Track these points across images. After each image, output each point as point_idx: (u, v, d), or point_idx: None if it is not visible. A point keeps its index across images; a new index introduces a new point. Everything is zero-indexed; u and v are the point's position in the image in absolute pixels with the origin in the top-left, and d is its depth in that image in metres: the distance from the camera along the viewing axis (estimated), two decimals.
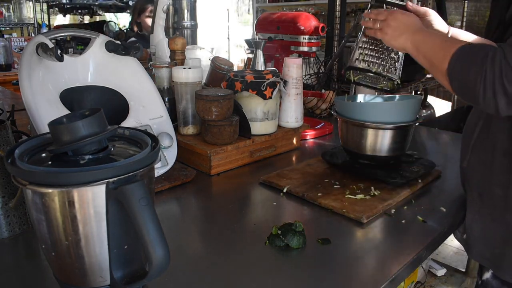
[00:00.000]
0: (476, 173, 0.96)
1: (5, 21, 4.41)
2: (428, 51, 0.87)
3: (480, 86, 0.75)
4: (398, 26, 0.95)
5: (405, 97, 1.36)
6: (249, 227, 0.95)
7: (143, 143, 0.67)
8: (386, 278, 0.76)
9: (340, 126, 1.22)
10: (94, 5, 4.72)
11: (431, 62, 0.86)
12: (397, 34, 0.95)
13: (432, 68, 0.87)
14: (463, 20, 2.77)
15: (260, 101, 1.29)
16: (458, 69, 0.79)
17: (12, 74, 3.41)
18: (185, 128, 1.30)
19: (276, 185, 1.13)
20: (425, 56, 0.88)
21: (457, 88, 0.81)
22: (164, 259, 0.58)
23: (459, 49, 0.80)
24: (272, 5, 5.85)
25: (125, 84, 1.13)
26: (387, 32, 0.96)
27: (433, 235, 0.92)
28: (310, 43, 1.68)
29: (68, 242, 0.59)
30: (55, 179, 0.56)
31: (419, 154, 1.32)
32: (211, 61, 1.49)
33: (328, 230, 0.93)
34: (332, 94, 1.83)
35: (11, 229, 0.87)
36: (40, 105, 0.96)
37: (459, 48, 0.80)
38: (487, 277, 1.01)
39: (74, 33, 1.19)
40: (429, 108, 2.27)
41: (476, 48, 0.78)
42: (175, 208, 1.08)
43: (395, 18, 0.96)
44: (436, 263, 2.04)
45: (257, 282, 0.75)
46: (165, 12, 1.65)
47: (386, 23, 0.97)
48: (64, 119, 0.62)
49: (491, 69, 0.73)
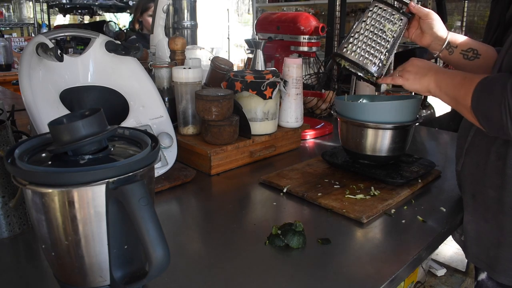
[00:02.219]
0: (470, 176, 0.97)
1: (5, 21, 4.41)
2: (450, 89, 0.89)
3: (507, 118, 0.76)
4: (419, 70, 0.96)
5: (405, 97, 1.36)
6: (249, 227, 0.95)
7: (143, 143, 0.67)
8: (386, 278, 0.76)
9: (340, 126, 1.22)
10: (94, 5, 4.72)
11: (456, 100, 0.88)
12: (419, 76, 0.96)
13: (458, 106, 0.88)
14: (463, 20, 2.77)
15: (260, 101, 1.29)
16: (481, 105, 0.81)
17: (12, 74, 3.41)
18: (185, 128, 1.30)
19: (276, 185, 1.13)
20: (447, 94, 0.90)
21: (484, 123, 0.82)
22: (164, 259, 0.58)
23: (479, 84, 0.81)
24: (272, 5, 5.85)
25: (125, 84, 1.13)
26: (409, 77, 0.98)
27: (433, 235, 0.92)
28: (310, 43, 1.68)
29: (68, 242, 0.59)
30: (55, 179, 0.56)
31: (419, 154, 1.32)
32: (211, 61, 1.49)
33: (328, 230, 0.93)
34: (332, 94, 1.83)
35: (11, 229, 0.87)
36: (40, 105, 0.96)
37: (479, 83, 0.81)
38: (482, 278, 1.01)
39: (74, 33, 1.19)
40: (429, 108, 2.26)
41: (494, 80, 0.80)
42: (175, 208, 1.08)
43: (413, 64, 0.98)
44: (436, 263, 2.04)
45: (257, 282, 0.75)
46: (165, 12, 1.65)
47: (405, 70, 0.99)
48: (64, 119, 0.62)
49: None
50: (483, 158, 0.92)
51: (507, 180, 0.87)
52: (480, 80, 0.82)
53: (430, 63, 0.97)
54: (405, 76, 0.98)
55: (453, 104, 0.89)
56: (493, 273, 0.93)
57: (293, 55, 1.67)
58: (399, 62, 1.07)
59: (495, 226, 0.91)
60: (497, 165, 0.89)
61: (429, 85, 0.94)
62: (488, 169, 0.91)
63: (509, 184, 0.87)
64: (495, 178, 0.89)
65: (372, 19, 1.07)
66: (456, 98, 0.87)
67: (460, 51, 1.02)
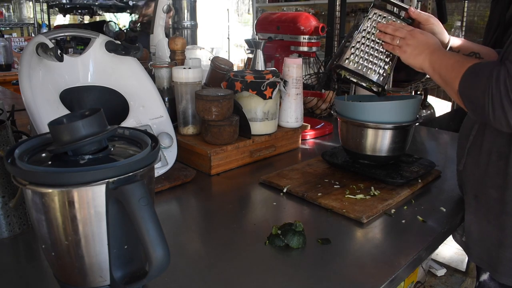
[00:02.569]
0: (472, 176, 0.97)
1: (5, 21, 4.41)
2: (443, 70, 0.90)
3: (489, 104, 0.77)
4: (417, 45, 0.97)
5: (405, 97, 1.36)
6: (249, 227, 0.95)
7: (143, 143, 0.67)
8: (386, 278, 0.76)
9: (340, 126, 1.22)
10: (94, 5, 4.72)
11: (445, 82, 0.89)
12: (416, 52, 0.96)
13: (447, 87, 0.90)
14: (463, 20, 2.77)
15: (260, 101, 1.29)
16: (467, 89, 0.82)
17: (12, 74, 3.41)
18: (185, 128, 1.30)
19: (276, 185, 1.13)
20: (440, 75, 0.91)
21: (469, 107, 0.84)
22: (164, 259, 0.58)
23: (468, 69, 0.83)
24: (272, 5, 5.84)
25: (125, 84, 1.13)
26: (406, 50, 0.98)
27: (433, 235, 0.92)
28: (310, 43, 1.68)
29: (68, 242, 0.59)
30: (55, 179, 0.56)
31: (419, 154, 1.32)
32: (211, 61, 1.49)
33: (328, 230, 0.93)
34: (332, 94, 1.83)
35: (11, 229, 0.87)
36: (40, 105, 0.96)
37: (468, 68, 0.83)
38: (484, 278, 1.01)
39: (74, 33, 1.19)
40: (429, 108, 2.27)
41: (482, 67, 0.81)
42: (175, 208, 1.08)
43: (414, 36, 0.98)
44: (436, 263, 2.04)
45: (257, 282, 0.75)
46: (165, 12, 1.65)
47: (405, 41, 0.99)
48: (64, 119, 0.62)
49: (496, 87, 0.76)
50: (484, 158, 0.92)
51: (509, 180, 0.87)
52: (470, 65, 0.83)
53: (430, 38, 0.97)
54: (403, 48, 0.99)
55: (443, 85, 0.91)
56: (495, 274, 0.93)
57: (293, 55, 1.67)
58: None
59: (497, 227, 0.91)
60: (499, 165, 0.89)
61: (423, 63, 0.95)
62: (490, 169, 0.91)
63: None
64: (497, 178, 0.89)
65: (372, 27, 1.06)
66: (446, 80, 0.89)
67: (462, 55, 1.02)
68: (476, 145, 0.96)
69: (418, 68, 0.98)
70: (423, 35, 0.98)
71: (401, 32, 1.00)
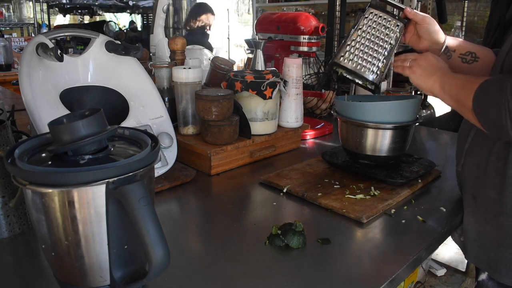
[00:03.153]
0: (471, 176, 0.97)
1: (5, 21, 4.41)
2: (454, 90, 0.88)
3: (506, 117, 0.76)
4: (428, 67, 0.95)
5: (405, 97, 1.36)
6: (249, 227, 0.95)
7: (143, 143, 0.67)
8: (386, 278, 0.76)
9: (340, 126, 1.22)
10: (94, 5, 4.72)
11: (458, 101, 0.87)
12: (426, 74, 0.95)
13: (460, 107, 0.88)
14: (463, 20, 2.77)
15: (260, 101, 1.29)
16: (482, 107, 0.81)
17: (12, 74, 3.41)
18: (185, 128, 1.30)
19: (276, 185, 1.13)
20: (451, 95, 0.89)
21: (485, 125, 0.82)
22: (164, 259, 0.58)
23: (480, 85, 0.81)
24: (272, 5, 5.84)
25: (125, 84, 1.13)
26: (416, 71, 0.97)
27: (433, 235, 0.92)
28: (310, 43, 1.67)
29: (68, 242, 0.59)
30: (55, 179, 0.56)
31: (419, 154, 1.32)
32: (211, 61, 1.49)
33: (328, 230, 0.93)
34: (332, 94, 1.83)
35: (11, 229, 0.87)
36: (40, 105, 0.96)
37: (480, 84, 0.81)
38: (483, 278, 1.01)
39: (74, 33, 1.19)
40: (429, 108, 2.26)
41: (494, 81, 0.79)
42: (175, 208, 1.08)
43: (425, 58, 0.96)
44: (436, 263, 2.04)
45: (257, 282, 0.75)
46: (165, 12, 1.65)
47: (416, 62, 0.97)
48: (64, 119, 0.62)
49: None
50: (483, 159, 0.92)
51: (508, 181, 0.87)
52: (481, 82, 0.81)
53: (441, 62, 0.96)
54: (414, 69, 0.98)
55: (456, 106, 0.89)
56: (494, 274, 0.93)
57: (293, 55, 1.67)
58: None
59: (495, 227, 0.91)
60: (498, 166, 0.89)
61: (433, 86, 0.94)
62: (488, 170, 0.91)
63: (510, 185, 0.87)
64: (496, 179, 0.89)
65: (368, 26, 1.06)
66: (459, 99, 0.87)
67: (458, 55, 1.01)
68: (475, 146, 0.96)
69: (427, 90, 0.96)
70: (433, 58, 0.97)
71: (413, 54, 1.00)
